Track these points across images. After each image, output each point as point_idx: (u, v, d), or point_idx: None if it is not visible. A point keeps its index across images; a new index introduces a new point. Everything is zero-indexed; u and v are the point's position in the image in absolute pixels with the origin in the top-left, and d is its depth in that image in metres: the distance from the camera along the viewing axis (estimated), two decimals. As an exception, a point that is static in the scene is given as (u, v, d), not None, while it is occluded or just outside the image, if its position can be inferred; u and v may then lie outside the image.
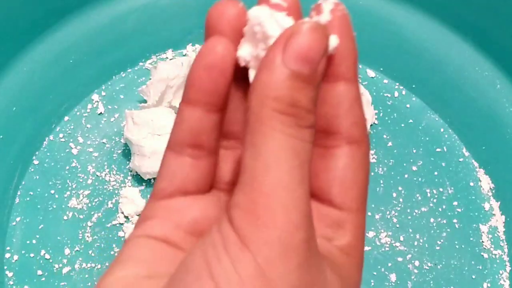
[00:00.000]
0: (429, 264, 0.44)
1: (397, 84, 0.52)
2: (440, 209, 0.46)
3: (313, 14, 0.19)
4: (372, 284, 0.43)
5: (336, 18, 0.19)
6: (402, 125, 0.50)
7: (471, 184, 0.48)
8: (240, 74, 0.20)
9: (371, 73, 0.52)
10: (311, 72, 0.17)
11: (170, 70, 0.48)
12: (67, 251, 0.44)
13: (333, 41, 0.18)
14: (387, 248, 0.45)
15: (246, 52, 0.19)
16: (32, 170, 0.47)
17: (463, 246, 0.45)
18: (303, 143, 0.17)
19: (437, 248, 0.45)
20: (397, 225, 0.46)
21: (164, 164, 0.20)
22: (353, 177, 0.19)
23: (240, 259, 0.15)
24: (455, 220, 0.46)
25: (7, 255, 0.44)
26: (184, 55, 0.53)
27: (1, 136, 0.46)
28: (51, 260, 0.44)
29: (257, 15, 0.18)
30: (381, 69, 0.52)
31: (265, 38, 0.18)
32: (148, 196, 0.46)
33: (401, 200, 0.47)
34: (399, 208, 0.46)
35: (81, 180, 0.47)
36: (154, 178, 0.46)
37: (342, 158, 0.19)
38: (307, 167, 0.17)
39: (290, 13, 0.19)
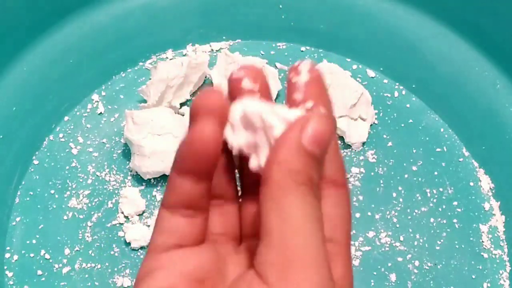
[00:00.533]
0: (429, 264, 0.44)
1: (397, 84, 0.52)
2: (440, 209, 0.46)
3: (292, 75, 0.22)
4: (372, 284, 0.43)
5: (312, 77, 0.22)
6: (402, 125, 0.50)
7: (471, 184, 0.48)
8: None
9: (371, 73, 0.52)
10: (321, 153, 0.20)
11: (170, 70, 0.48)
12: (67, 251, 0.44)
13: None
14: (387, 248, 0.45)
15: (242, 141, 0.21)
16: (32, 170, 0.47)
17: (463, 246, 0.45)
18: (319, 211, 0.19)
19: (437, 248, 0.45)
20: (397, 225, 0.46)
21: (159, 221, 0.22)
22: (341, 214, 0.22)
23: None
24: (455, 220, 0.46)
25: (7, 255, 0.44)
26: (184, 55, 0.53)
27: (1, 136, 0.46)
28: (51, 260, 0.44)
29: (256, 110, 0.21)
30: (381, 69, 0.52)
31: (267, 128, 0.21)
32: (148, 196, 0.47)
33: (401, 200, 0.47)
34: (399, 208, 0.46)
35: (81, 180, 0.47)
36: (154, 178, 0.46)
37: (331, 198, 0.21)
38: (323, 230, 0.19)
39: (262, 93, 0.22)
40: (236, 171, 0.24)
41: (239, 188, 0.24)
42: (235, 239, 0.23)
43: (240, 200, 0.24)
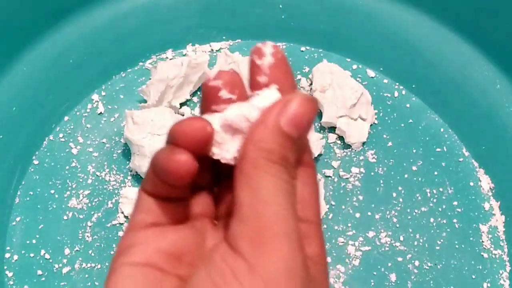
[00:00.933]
0: (429, 264, 0.44)
1: (397, 84, 0.52)
2: (440, 209, 0.46)
3: (255, 57, 0.22)
4: (372, 284, 0.43)
5: (277, 60, 0.22)
6: (402, 125, 0.50)
7: (471, 184, 0.48)
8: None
9: (371, 73, 0.52)
10: (298, 136, 0.19)
11: (170, 70, 0.48)
12: (67, 251, 0.44)
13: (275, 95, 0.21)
14: (387, 248, 0.45)
15: (233, 150, 0.21)
16: (32, 170, 0.47)
17: (463, 246, 0.45)
18: (292, 187, 0.20)
19: (437, 248, 0.45)
20: (397, 225, 0.46)
21: (139, 201, 0.22)
22: (309, 192, 0.22)
23: (250, 282, 0.17)
24: (455, 220, 0.46)
25: (7, 255, 0.44)
26: (184, 55, 0.53)
27: (1, 136, 0.46)
28: (51, 260, 0.44)
29: (235, 113, 0.21)
30: (381, 69, 0.52)
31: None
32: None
33: (401, 200, 0.47)
34: (399, 208, 0.46)
35: (81, 180, 0.47)
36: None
37: (298, 177, 0.21)
38: (295, 205, 0.20)
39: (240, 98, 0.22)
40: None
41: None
42: (212, 219, 0.24)
43: (218, 184, 0.24)
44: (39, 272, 0.43)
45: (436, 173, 0.48)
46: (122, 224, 0.45)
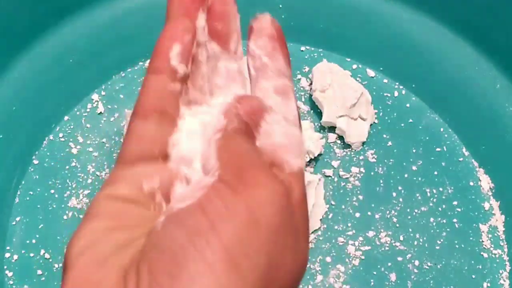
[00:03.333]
0: (429, 264, 0.44)
1: (397, 84, 0.52)
2: (440, 209, 0.46)
3: (255, 25, 0.25)
4: (372, 284, 0.43)
5: (275, 28, 0.25)
6: (402, 125, 0.50)
7: (471, 184, 0.48)
8: None
9: (371, 73, 0.52)
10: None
11: (170, 70, 0.48)
12: (67, 251, 0.44)
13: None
14: (387, 248, 0.45)
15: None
16: (32, 170, 0.47)
17: (463, 246, 0.45)
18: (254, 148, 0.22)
19: (437, 248, 0.45)
20: (397, 225, 0.46)
21: (129, 130, 0.22)
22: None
23: (233, 202, 0.18)
24: (455, 220, 0.46)
25: (7, 255, 0.44)
26: (184, 55, 0.53)
27: (1, 136, 0.46)
28: (51, 260, 0.44)
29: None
30: (381, 69, 0.52)
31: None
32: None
33: (401, 200, 0.47)
34: (399, 208, 0.46)
35: (81, 180, 0.47)
36: (154, 178, 0.46)
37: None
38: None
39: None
40: None
41: None
42: None
43: None
44: (39, 272, 0.43)
45: (436, 173, 0.48)
46: (122, 224, 0.45)
